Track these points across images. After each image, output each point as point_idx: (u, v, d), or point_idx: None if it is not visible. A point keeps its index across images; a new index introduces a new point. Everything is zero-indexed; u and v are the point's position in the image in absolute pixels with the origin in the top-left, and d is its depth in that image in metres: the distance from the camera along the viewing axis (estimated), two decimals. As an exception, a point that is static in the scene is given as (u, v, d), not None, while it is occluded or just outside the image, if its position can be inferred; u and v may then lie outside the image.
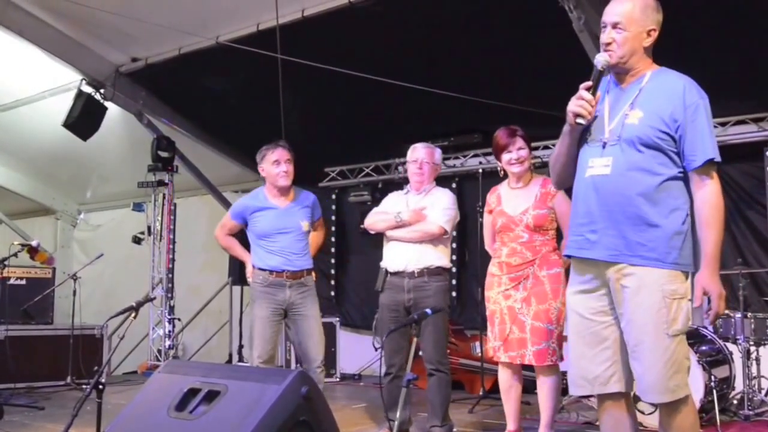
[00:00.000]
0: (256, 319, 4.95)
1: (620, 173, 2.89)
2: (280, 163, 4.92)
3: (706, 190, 2.91)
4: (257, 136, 8.44)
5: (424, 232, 4.81)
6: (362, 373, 8.84)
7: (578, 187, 3.05)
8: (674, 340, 2.83)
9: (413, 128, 7.93)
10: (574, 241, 3.04)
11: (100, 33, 7.53)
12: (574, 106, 2.95)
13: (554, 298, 4.36)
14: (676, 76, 2.97)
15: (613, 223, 2.89)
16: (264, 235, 4.95)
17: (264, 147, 5.05)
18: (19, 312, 7.66)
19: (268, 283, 4.91)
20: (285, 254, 4.91)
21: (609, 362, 2.94)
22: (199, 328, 10.13)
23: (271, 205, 4.99)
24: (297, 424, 3.01)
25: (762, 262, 6.83)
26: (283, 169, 4.92)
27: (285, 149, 4.98)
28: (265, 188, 5.09)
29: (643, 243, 2.85)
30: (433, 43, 6.69)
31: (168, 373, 3.56)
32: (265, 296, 4.92)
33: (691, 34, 5.96)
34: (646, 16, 2.92)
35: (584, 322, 3.00)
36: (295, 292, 4.91)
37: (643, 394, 2.88)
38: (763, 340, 5.69)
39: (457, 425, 5.13)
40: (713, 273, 2.83)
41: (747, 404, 5.55)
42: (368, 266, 5.14)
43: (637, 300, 2.84)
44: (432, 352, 4.81)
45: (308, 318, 4.94)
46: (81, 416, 3.58)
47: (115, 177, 11.02)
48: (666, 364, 2.81)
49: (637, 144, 2.88)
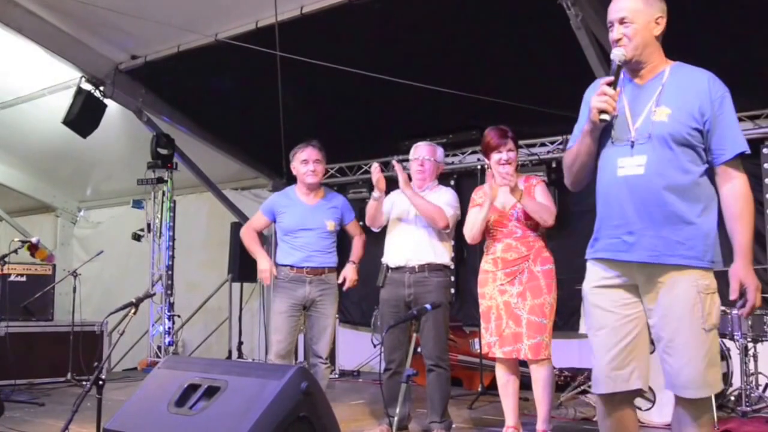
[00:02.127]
0: (274, 314, 5.01)
1: (655, 172, 2.82)
2: (308, 162, 5.06)
3: (737, 182, 2.86)
4: (256, 133, 8.54)
5: (434, 210, 4.82)
6: (361, 369, 8.87)
7: (608, 189, 2.96)
8: (710, 334, 2.81)
9: (412, 125, 7.96)
10: (609, 243, 2.94)
11: (99, 30, 7.52)
12: (598, 102, 2.85)
13: (548, 293, 4.44)
14: (697, 70, 2.95)
15: (651, 224, 2.83)
16: (288, 231, 5.06)
17: (297, 146, 5.17)
18: (19, 309, 7.68)
19: (289, 278, 4.98)
20: (307, 251, 5.01)
21: (630, 357, 2.89)
22: (198, 325, 10.16)
23: (299, 202, 5.11)
24: (297, 420, 3.05)
25: (759, 259, 6.85)
26: (310, 168, 5.06)
27: (315, 149, 5.11)
28: (296, 186, 5.22)
29: (682, 242, 2.82)
30: (432, 40, 6.70)
31: (168, 368, 3.60)
32: (284, 291, 4.98)
33: (688, 31, 5.97)
34: (650, 5, 2.91)
35: (607, 315, 2.93)
36: (315, 289, 4.99)
37: (680, 390, 2.81)
38: (760, 337, 5.71)
39: (456, 421, 5.17)
40: (748, 265, 2.82)
41: (744, 400, 5.58)
42: (367, 263, 5.15)
43: (672, 295, 2.81)
44: (432, 348, 4.85)
45: (326, 317, 5.03)
46: (81, 412, 3.59)
47: (114, 174, 11.04)
48: (703, 359, 2.78)
49: (670, 141, 2.82)
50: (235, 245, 9.53)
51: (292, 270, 4.97)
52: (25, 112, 9.33)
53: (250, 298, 9.79)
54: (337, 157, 9.12)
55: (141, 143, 9.02)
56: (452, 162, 8.44)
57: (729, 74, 6.89)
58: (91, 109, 8.11)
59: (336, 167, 9.26)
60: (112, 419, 3.38)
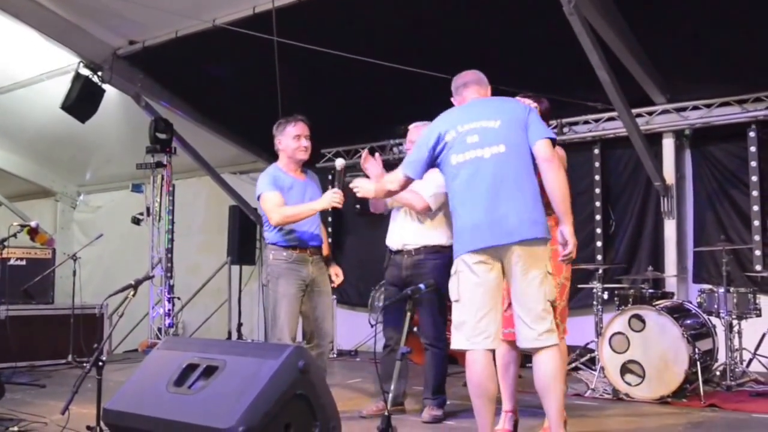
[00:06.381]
0: (282, 297, 4.71)
1: None
2: (300, 137, 4.85)
3: None
4: (254, 117, 8.56)
5: (409, 197, 4.88)
6: (358, 349, 8.98)
7: None
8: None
9: (408, 110, 7.92)
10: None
11: (96, 16, 7.54)
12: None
13: (557, 274, 4.16)
14: None
15: None
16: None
17: (282, 119, 4.94)
18: (19, 292, 7.73)
19: (293, 259, 4.76)
20: (309, 229, 4.82)
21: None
22: (198, 307, 10.25)
23: (294, 179, 4.87)
24: (294, 398, 3.11)
25: (744, 239, 6.99)
26: (303, 144, 4.85)
27: (305, 123, 4.90)
28: (279, 164, 4.94)
29: None
30: (428, 25, 6.75)
31: (167, 349, 3.65)
32: (290, 273, 4.74)
33: (678, 18, 6.05)
34: None
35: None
36: (316, 268, 4.84)
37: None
38: (744, 314, 5.86)
39: (451, 398, 5.25)
40: None
41: (729, 375, 5.75)
42: (364, 245, 5.23)
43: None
44: (427, 327, 4.98)
45: (326, 294, 4.91)
46: (81, 393, 3.61)
47: (113, 159, 11.09)
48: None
49: None
50: (233, 228, 9.63)
51: (296, 251, 4.77)
52: (23, 97, 9.35)
53: (249, 280, 9.89)
54: (334, 141, 9.18)
55: (140, 128, 9.06)
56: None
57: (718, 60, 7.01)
58: (89, 94, 8.15)
59: (333, 151, 9.32)
60: (112, 399, 3.42)
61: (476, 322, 3.57)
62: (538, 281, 3.58)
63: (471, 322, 3.57)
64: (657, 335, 5.47)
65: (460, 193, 3.67)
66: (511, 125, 3.66)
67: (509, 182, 3.58)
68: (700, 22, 6.11)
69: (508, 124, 3.67)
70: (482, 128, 3.67)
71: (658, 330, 5.47)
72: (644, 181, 7.66)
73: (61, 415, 3.66)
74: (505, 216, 3.53)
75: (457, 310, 3.66)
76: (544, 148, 3.61)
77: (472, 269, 3.58)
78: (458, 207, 3.68)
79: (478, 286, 3.58)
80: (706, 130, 7.40)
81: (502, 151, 3.61)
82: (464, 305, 3.61)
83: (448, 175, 3.73)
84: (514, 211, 3.54)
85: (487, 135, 3.64)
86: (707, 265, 7.31)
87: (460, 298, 3.63)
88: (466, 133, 3.67)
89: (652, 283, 6.47)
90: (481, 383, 3.56)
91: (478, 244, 3.55)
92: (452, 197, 3.73)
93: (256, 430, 2.92)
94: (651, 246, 7.65)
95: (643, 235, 7.72)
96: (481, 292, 3.58)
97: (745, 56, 6.39)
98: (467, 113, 3.81)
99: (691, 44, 6.43)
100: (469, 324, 3.58)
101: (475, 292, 3.58)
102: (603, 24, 5.90)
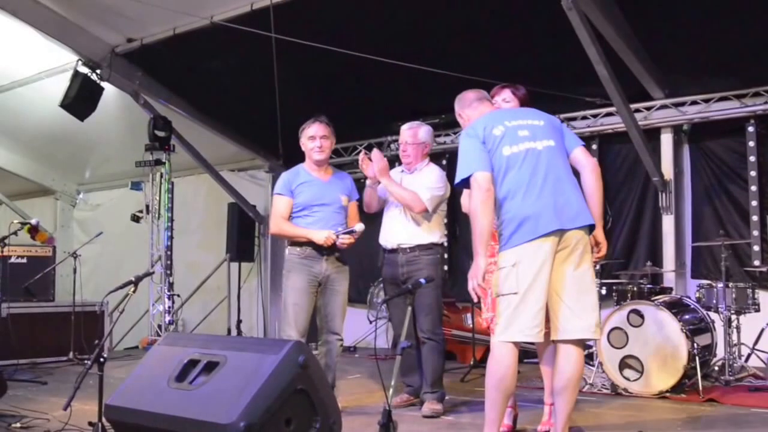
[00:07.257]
0: (290, 290, 4.83)
1: None
2: (315, 138, 4.95)
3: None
4: (252, 115, 8.59)
5: (409, 197, 4.98)
6: (358, 345, 9.00)
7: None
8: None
9: (405, 106, 8.02)
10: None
11: (95, 13, 7.52)
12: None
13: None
14: None
15: None
16: (306, 206, 4.91)
17: (307, 122, 5.07)
18: (20, 290, 7.74)
19: (305, 255, 4.86)
20: (323, 226, 4.85)
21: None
22: (198, 304, 10.26)
23: (313, 178, 4.99)
24: (294, 392, 3.12)
25: (743, 234, 7.00)
26: (317, 144, 4.95)
27: (322, 124, 5.01)
28: (304, 164, 5.09)
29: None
30: (425, 21, 6.75)
31: (168, 345, 3.65)
32: (301, 267, 4.84)
33: (676, 13, 6.05)
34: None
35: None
36: (332, 266, 4.90)
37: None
38: (743, 309, 5.87)
39: (450, 393, 5.28)
40: None
41: (728, 370, 5.76)
42: (362, 242, 5.22)
43: None
44: (424, 321, 5.02)
45: (340, 294, 4.95)
46: (83, 389, 3.63)
47: (113, 157, 11.08)
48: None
49: None
50: (232, 226, 9.63)
51: (309, 248, 4.84)
52: (22, 96, 9.34)
53: (248, 277, 9.90)
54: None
55: (138, 126, 9.05)
56: (444, 142, 8.53)
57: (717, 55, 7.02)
58: (88, 92, 8.13)
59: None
60: (113, 395, 3.44)
61: (535, 314, 3.53)
62: (592, 272, 3.66)
63: (530, 314, 3.51)
64: (655, 330, 5.48)
65: (515, 181, 3.63)
66: (552, 127, 3.84)
67: (563, 172, 3.70)
68: (699, 17, 6.12)
69: (551, 126, 3.83)
70: (530, 125, 3.78)
71: (657, 325, 5.48)
72: (642, 176, 7.66)
73: (64, 411, 3.67)
74: (569, 202, 3.60)
75: (511, 303, 3.54)
76: (584, 154, 3.85)
77: (535, 258, 3.53)
78: (514, 195, 3.62)
79: (540, 276, 3.52)
80: (704, 125, 7.41)
81: (553, 145, 3.73)
82: (524, 297, 3.52)
83: (499, 167, 3.68)
84: (575, 198, 3.64)
85: (536, 131, 3.76)
86: (706, 260, 7.33)
87: (518, 290, 3.52)
88: (516, 128, 3.75)
89: (650, 278, 6.48)
90: (505, 378, 3.54)
91: (544, 229, 3.52)
92: (503, 186, 3.66)
93: (257, 425, 2.93)
94: (649, 241, 7.66)
95: (641, 231, 7.73)
96: (541, 283, 3.53)
97: (743, 51, 6.40)
98: (510, 113, 3.99)
99: (690, 39, 6.44)
100: (527, 316, 3.51)
101: (536, 283, 3.52)
102: (601, 19, 5.91)
